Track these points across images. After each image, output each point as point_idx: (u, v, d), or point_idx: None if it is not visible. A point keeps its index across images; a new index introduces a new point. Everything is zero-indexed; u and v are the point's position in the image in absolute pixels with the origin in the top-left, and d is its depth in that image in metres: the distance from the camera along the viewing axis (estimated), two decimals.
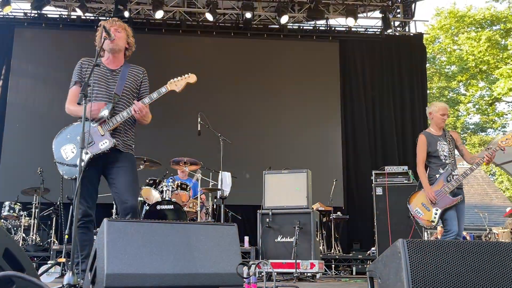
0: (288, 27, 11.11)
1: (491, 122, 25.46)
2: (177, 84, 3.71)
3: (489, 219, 11.71)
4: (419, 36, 11.44)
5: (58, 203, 7.63)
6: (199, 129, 6.97)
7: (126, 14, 10.03)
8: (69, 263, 2.95)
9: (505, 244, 2.21)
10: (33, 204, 7.84)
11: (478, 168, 4.92)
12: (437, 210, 4.78)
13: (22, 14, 10.61)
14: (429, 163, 5.00)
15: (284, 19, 10.57)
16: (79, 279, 2.93)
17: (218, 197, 7.23)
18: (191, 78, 3.76)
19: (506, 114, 24.67)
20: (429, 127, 5.27)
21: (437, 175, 4.88)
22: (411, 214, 4.96)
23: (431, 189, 4.83)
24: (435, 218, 4.79)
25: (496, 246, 2.19)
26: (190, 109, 10.24)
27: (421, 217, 4.88)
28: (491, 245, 2.19)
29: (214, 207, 7.83)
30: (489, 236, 10.51)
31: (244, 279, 2.29)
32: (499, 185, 26.01)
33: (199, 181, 7.21)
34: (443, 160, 4.90)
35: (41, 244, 7.84)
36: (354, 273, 7.74)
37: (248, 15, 10.41)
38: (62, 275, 4.70)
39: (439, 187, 4.81)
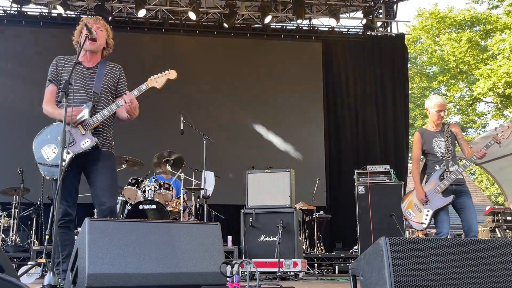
0: (271, 26, 11.13)
1: (472, 122, 25.84)
2: (157, 80, 3.69)
3: None
4: (401, 36, 11.55)
5: (38, 203, 7.53)
6: (181, 128, 6.95)
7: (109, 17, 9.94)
8: (50, 263, 2.92)
9: (485, 241, 2.24)
10: (13, 204, 7.72)
11: (469, 164, 4.66)
12: (428, 211, 4.61)
13: (2, 12, 10.44)
14: (427, 161, 4.82)
15: (267, 19, 10.58)
16: (60, 279, 2.90)
17: (201, 196, 7.21)
18: (172, 74, 3.74)
19: (486, 114, 25.07)
20: (426, 123, 5.06)
21: (433, 173, 4.70)
22: (403, 216, 4.83)
23: (421, 189, 4.67)
24: (425, 220, 4.61)
25: (476, 243, 2.23)
26: (173, 108, 10.24)
27: (413, 219, 4.72)
28: (472, 242, 2.22)
29: (197, 206, 7.80)
30: None
31: (228, 278, 2.28)
32: (478, 184, 26.41)
33: (182, 180, 7.18)
34: (440, 157, 4.70)
35: (21, 244, 7.72)
36: (336, 272, 7.78)
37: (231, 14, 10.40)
38: (42, 276, 4.65)
39: (431, 187, 4.64)
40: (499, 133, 4.52)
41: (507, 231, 8.99)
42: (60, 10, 10.14)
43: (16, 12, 10.29)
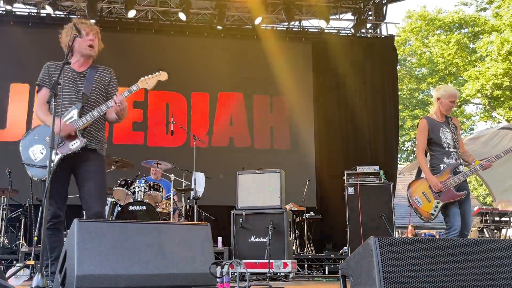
0: (261, 28, 11.13)
1: (460, 124, 25.99)
2: (148, 82, 3.68)
3: None
4: (390, 38, 11.61)
5: (27, 205, 7.47)
6: (172, 129, 6.93)
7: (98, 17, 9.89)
8: (38, 265, 2.89)
9: (473, 240, 2.26)
10: (1, 206, 7.65)
11: (473, 172, 4.52)
12: (438, 202, 4.40)
13: None
14: (432, 151, 4.58)
15: (257, 20, 10.58)
16: (48, 281, 2.87)
17: (192, 197, 7.19)
18: (163, 76, 3.73)
19: (474, 116, 25.29)
20: (431, 112, 4.78)
21: (442, 165, 4.46)
22: (410, 203, 4.56)
23: (435, 178, 4.41)
24: (435, 211, 4.41)
25: (465, 243, 2.24)
26: (163, 109, 10.23)
27: (420, 207, 4.49)
28: (460, 242, 2.24)
29: (187, 207, 7.78)
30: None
31: (217, 279, 2.28)
32: None
33: (172, 181, 7.16)
34: (447, 149, 4.48)
35: (9, 246, 7.64)
36: (326, 273, 7.80)
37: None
38: (31, 278, 4.61)
39: (443, 179, 4.40)
40: None
41: (495, 231, 9.07)
42: (49, 10, 10.07)
43: (4, 12, 10.19)
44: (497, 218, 9.00)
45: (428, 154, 4.66)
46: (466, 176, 4.43)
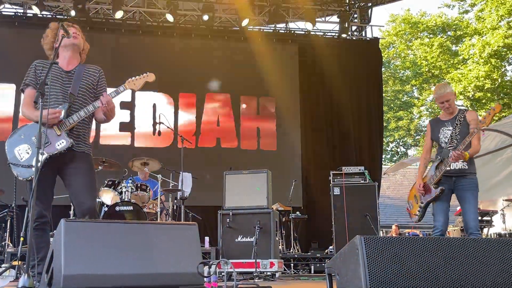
0: (248, 29, 11.13)
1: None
2: (135, 83, 3.66)
3: None
4: (375, 41, 11.68)
5: (12, 205, 7.36)
6: (159, 129, 6.90)
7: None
8: (24, 266, 2.85)
9: (455, 239, 2.28)
10: None
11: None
12: (422, 203, 4.52)
13: None
14: (436, 151, 4.65)
15: (244, 22, 10.58)
16: (34, 281, 2.84)
17: (179, 197, 7.16)
18: (150, 77, 3.71)
19: None
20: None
21: (432, 165, 4.54)
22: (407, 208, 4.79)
23: (418, 180, 4.54)
24: (419, 211, 4.55)
25: (447, 241, 2.27)
26: (150, 109, 10.18)
27: (410, 210, 4.69)
28: (443, 240, 2.26)
29: (175, 208, 7.74)
30: None
31: (205, 279, 2.27)
32: None
33: (159, 181, 7.12)
34: (443, 147, 4.47)
35: None
36: (312, 272, 7.81)
37: (206, 17, 10.38)
38: (17, 279, 4.54)
39: (426, 179, 4.53)
40: (482, 120, 4.17)
41: None
42: (35, 10, 9.96)
43: None
44: (479, 218, 9.10)
45: None
46: (441, 171, 4.34)
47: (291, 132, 10.66)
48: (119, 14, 9.99)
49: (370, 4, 11.71)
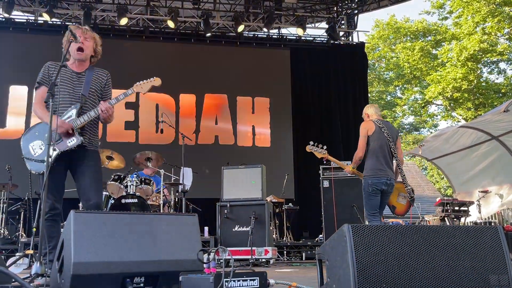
0: (244, 35, 11.12)
1: (424, 122, 26.41)
2: (142, 86, 3.66)
3: (421, 208, 12.15)
4: (361, 45, 11.69)
5: (26, 198, 7.34)
6: (161, 128, 6.89)
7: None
8: (37, 254, 2.85)
9: (437, 227, 2.31)
10: (1, 200, 7.51)
11: None
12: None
13: None
14: None
15: (240, 28, 10.57)
16: (46, 268, 2.83)
17: (180, 191, 7.15)
18: (157, 81, 3.72)
19: (436, 115, 25.66)
20: None
21: None
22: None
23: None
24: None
25: (429, 229, 2.29)
26: (153, 110, 10.16)
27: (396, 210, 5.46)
28: (425, 228, 2.29)
29: (176, 200, 7.73)
30: (422, 223, 10.88)
31: (204, 265, 2.28)
32: (430, 178, 27.00)
33: (162, 176, 7.11)
34: None
35: (9, 237, 7.52)
36: (304, 259, 7.83)
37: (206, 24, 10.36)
38: (30, 266, 4.53)
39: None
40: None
41: (455, 219, 9.20)
42: (46, 17, 9.91)
43: (3, 19, 9.99)
44: (456, 208, 9.13)
45: None
46: None
47: (284, 130, 10.67)
48: (123, 21, 9.96)
49: (356, 11, 11.73)
